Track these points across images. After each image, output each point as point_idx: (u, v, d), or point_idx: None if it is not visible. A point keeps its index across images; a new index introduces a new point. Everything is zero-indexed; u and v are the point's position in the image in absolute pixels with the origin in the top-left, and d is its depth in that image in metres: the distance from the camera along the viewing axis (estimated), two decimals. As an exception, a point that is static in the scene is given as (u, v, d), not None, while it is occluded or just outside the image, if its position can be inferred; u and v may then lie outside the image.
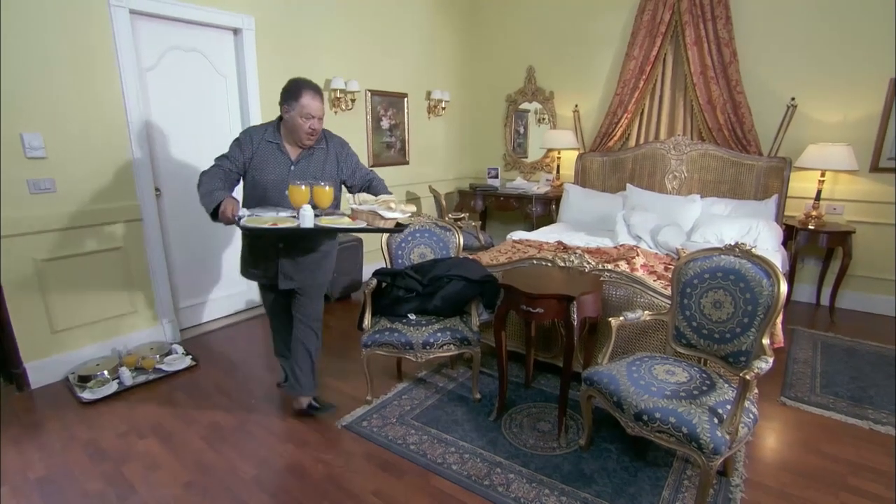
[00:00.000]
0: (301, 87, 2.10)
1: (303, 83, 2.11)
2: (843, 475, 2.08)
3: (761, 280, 1.92)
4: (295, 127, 2.14)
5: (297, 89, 2.10)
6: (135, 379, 2.81)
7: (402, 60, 4.75)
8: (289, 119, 2.15)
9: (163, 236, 3.28)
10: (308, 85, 2.12)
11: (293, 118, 2.12)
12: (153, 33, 3.08)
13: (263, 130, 2.22)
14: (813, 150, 3.71)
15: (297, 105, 2.10)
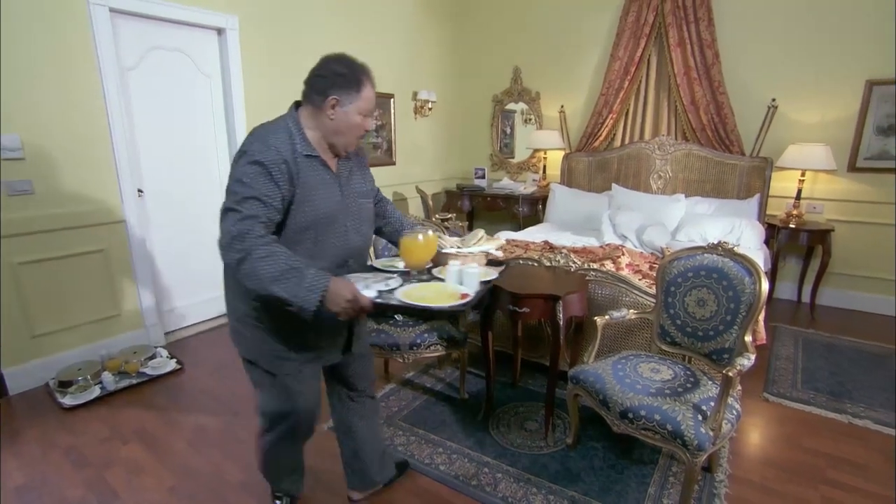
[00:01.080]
0: (360, 72, 1.44)
1: (360, 65, 1.45)
2: (822, 469, 2.12)
3: (743, 278, 1.95)
4: (347, 128, 1.45)
5: (356, 76, 1.42)
6: (118, 383, 2.77)
7: (388, 61, 4.74)
8: (338, 118, 1.43)
9: (146, 238, 3.23)
10: (367, 69, 1.47)
11: (347, 116, 1.43)
12: (134, 32, 3.04)
13: (289, 140, 1.41)
14: (793, 151, 3.78)
15: (357, 98, 1.43)
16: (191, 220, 3.53)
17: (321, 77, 1.43)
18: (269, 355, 1.52)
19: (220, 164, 3.65)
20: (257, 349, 1.52)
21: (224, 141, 3.64)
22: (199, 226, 3.58)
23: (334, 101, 1.42)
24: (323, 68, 1.44)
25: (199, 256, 3.61)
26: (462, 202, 5.28)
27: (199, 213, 3.57)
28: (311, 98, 1.45)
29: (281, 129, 1.42)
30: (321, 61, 1.46)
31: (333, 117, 1.43)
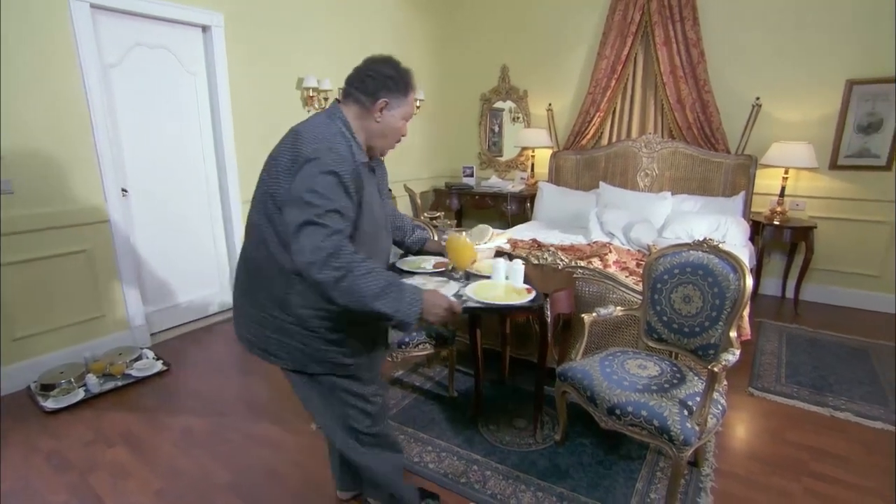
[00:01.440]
0: (408, 76, 1.42)
1: (407, 71, 1.43)
2: (805, 461, 2.16)
3: (728, 274, 1.97)
4: (392, 132, 1.44)
5: (406, 79, 1.41)
6: (102, 386, 2.73)
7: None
8: (386, 121, 1.41)
9: (131, 238, 3.19)
10: (411, 74, 1.45)
11: (393, 120, 1.42)
12: (116, 29, 2.99)
13: (349, 147, 1.34)
14: (776, 149, 3.84)
15: (404, 102, 1.42)
16: (177, 219, 3.49)
17: (371, 78, 1.38)
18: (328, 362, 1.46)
19: (207, 162, 3.61)
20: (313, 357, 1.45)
21: (210, 139, 3.60)
22: (185, 225, 3.54)
23: (384, 104, 1.39)
24: (372, 70, 1.39)
25: (185, 256, 3.58)
26: (450, 201, 5.28)
27: (185, 213, 3.53)
28: (357, 99, 1.40)
29: (338, 135, 1.35)
30: (368, 62, 1.42)
31: (380, 120, 1.41)
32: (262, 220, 1.37)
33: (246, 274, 1.46)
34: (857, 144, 3.80)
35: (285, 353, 1.44)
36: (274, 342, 1.44)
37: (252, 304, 1.45)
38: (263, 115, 3.82)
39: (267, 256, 1.37)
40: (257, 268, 1.41)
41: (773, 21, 3.91)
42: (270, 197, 1.33)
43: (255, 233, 1.40)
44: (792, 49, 3.88)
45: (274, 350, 1.45)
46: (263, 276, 1.40)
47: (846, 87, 3.74)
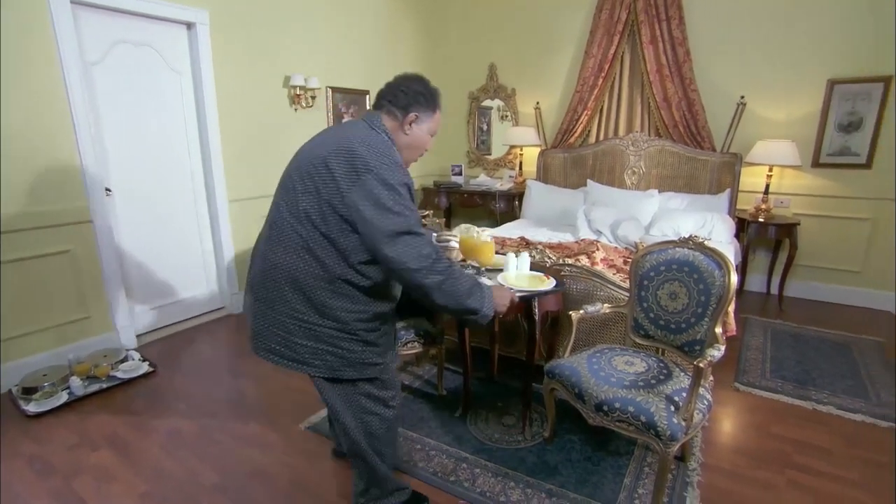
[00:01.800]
0: (437, 95, 1.55)
1: (435, 90, 1.55)
2: (789, 454, 2.20)
3: (713, 271, 1.99)
4: (418, 145, 1.55)
5: (434, 98, 1.54)
6: (87, 388, 2.69)
7: (362, 57, 4.70)
8: (414, 134, 1.52)
9: (115, 238, 3.14)
10: (439, 93, 1.58)
11: (422, 133, 1.54)
12: (98, 26, 2.94)
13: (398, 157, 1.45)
14: (761, 147, 3.89)
15: (431, 118, 1.54)
16: (163, 219, 3.44)
17: (403, 94, 1.48)
18: (360, 364, 1.51)
19: (192, 161, 3.57)
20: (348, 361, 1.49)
21: (195, 138, 3.56)
22: (171, 225, 3.50)
23: (414, 118, 1.49)
24: (405, 86, 1.49)
25: (171, 256, 3.54)
26: (439, 199, 5.28)
27: (171, 213, 3.49)
28: (390, 111, 1.49)
29: (391, 147, 1.44)
30: (401, 79, 1.52)
31: (409, 133, 1.51)
32: (308, 230, 1.38)
33: (273, 283, 1.44)
34: (839, 143, 3.86)
35: (319, 360, 1.46)
36: (307, 350, 1.45)
37: (281, 313, 1.44)
38: (250, 114, 3.79)
39: (310, 264, 1.38)
40: (292, 276, 1.40)
41: (757, 20, 3.96)
42: (330, 207, 1.35)
43: (292, 241, 1.40)
44: (775, 48, 3.93)
45: (307, 359, 1.46)
46: (301, 283, 1.40)
47: (827, 86, 3.80)
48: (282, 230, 1.42)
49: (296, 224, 1.39)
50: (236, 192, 3.77)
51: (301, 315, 1.42)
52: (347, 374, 1.50)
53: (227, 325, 3.67)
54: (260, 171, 3.92)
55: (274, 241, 1.44)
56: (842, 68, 3.75)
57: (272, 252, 1.44)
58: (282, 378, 2.87)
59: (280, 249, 1.42)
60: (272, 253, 1.44)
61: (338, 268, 1.39)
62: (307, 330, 1.43)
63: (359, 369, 1.51)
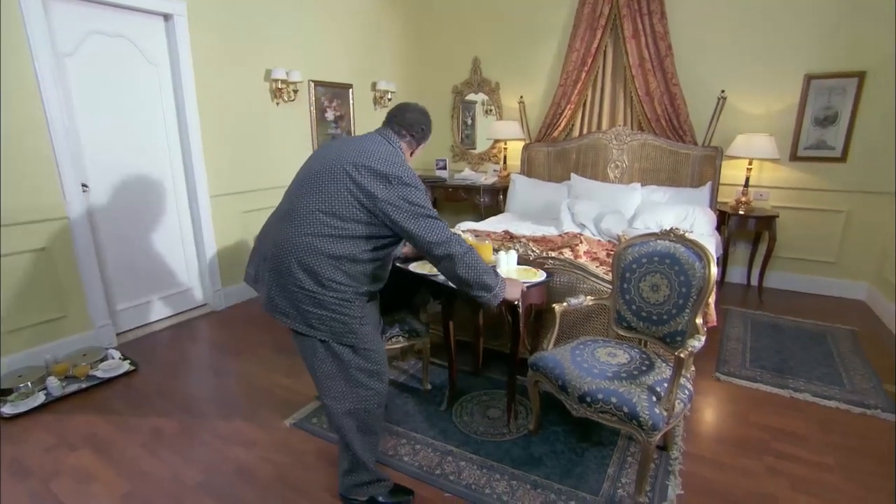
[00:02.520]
0: (430, 127, 1.91)
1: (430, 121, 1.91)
2: (767, 441, 2.25)
3: (694, 263, 2.02)
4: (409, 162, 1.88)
5: (429, 130, 1.90)
6: (65, 388, 2.64)
7: (346, 50, 4.65)
8: (415, 155, 1.90)
9: (93, 235, 3.07)
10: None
11: (415, 155, 1.90)
12: (70, 15, 2.86)
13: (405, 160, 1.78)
14: (741, 140, 3.94)
15: (422, 147, 1.91)
16: (142, 215, 3.38)
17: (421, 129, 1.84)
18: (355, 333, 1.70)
19: (173, 156, 3.50)
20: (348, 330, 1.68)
21: (175, 132, 3.49)
22: (151, 221, 3.44)
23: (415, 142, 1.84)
24: (423, 122, 1.84)
25: (152, 253, 3.48)
26: (424, 193, 5.25)
27: (151, 209, 3.43)
28: (407, 139, 1.83)
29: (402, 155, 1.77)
30: (419, 112, 1.84)
31: (411, 157, 1.85)
32: (332, 219, 1.61)
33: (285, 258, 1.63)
34: (815, 136, 3.94)
35: (325, 326, 1.66)
36: (314, 316, 1.65)
37: (290, 283, 1.63)
38: (231, 108, 3.73)
39: (323, 245, 1.61)
40: (302, 254, 1.61)
41: (737, 16, 4.00)
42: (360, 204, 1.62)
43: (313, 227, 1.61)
44: (755, 43, 3.99)
45: (314, 323, 1.66)
46: (308, 260, 1.61)
47: (804, 81, 3.87)
48: (303, 217, 1.63)
49: (321, 214, 1.61)
50: (218, 187, 3.72)
51: (306, 286, 1.62)
52: (349, 339, 1.69)
53: (210, 323, 3.63)
54: (242, 166, 3.86)
55: (293, 225, 1.64)
56: (818, 63, 3.82)
57: (287, 233, 1.64)
58: (266, 375, 2.85)
59: (296, 232, 1.62)
60: (287, 233, 1.64)
61: (347, 250, 1.63)
62: (312, 299, 1.63)
63: (357, 337, 1.70)
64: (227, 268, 3.89)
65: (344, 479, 1.84)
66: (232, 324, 3.60)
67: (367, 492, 1.84)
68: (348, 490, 1.84)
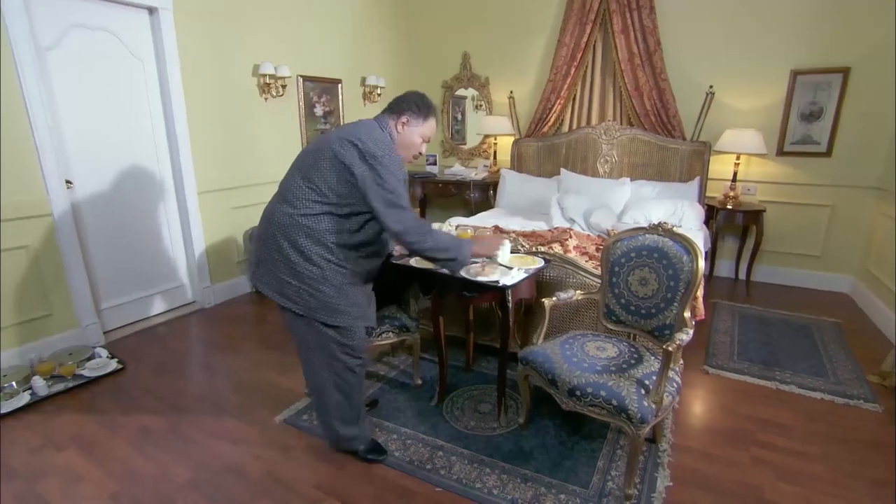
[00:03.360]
0: (431, 108, 1.94)
1: (431, 104, 1.95)
2: (753, 432, 2.28)
3: (682, 256, 2.03)
4: (409, 144, 1.92)
5: (428, 109, 1.92)
6: (51, 388, 2.60)
7: (335, 45, 4.61)
8: (406, 135, 1.90)
9: (78, 232, 3.03)
10: (435, 108, 1.98)
11: (412, 135, 1.91)
12: (51, 7, 2.80)
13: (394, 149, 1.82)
14: (729, 135, 3.98)
15: (423, 125, 1.92)
16: (129, 212, 3.34)
17: (401, 101, 1.91)
18: (332, 309, 1.82)
19: (159, 153, 3.46)
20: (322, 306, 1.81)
21: (162, 128, 3.44)
22: (138, 218, 3.40)
23: (406, 121, 1.88)
24: (405, 96, 1.92)
25: (139, 250, 3.44)
26: (414, 189, 5.25)
27: (138, 205, 3.39)
28: (391, 114, 1.90)
29: (385, 137, 1.83)
30: (406, 92, 1.94)
31: (401, 132, 1.89)
32: (313, 194, 1.74)
33: (270, 228, 1.79)
34: (801, 132, 3.98)
35: (300, 298, 1.79)
36: (291, 288, 1.78)
37: (273, 250, 1.78)
38: (218, 103, 3.68)
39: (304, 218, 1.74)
40: (285, 225, 1.75)
41: (725, 12, 4.03)
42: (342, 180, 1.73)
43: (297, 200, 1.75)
44: (742, 39, 4.01)
45: (290, 294, 1.79)
46: (290, 230, 1.75)
47: (791, 77, 3.91)
48: (290, 191, 1.77)
49: (305, 189, 1.75)
50: (206, 183, 3.67)
51: (288, 256, 1.75)
52: (320, 315, 1.81)
53: (198, 320, 3.60)
54: (230, 161, 3.82)
55: (280, 200, 1.80)
56: (804, 59, 3.85)
57: (275, 206, 1.81)
58: (256, 371, 2.84)
59: (282, 204, 1.78)
60: (274, 207, 1.81)
61: (327, 224, 1.75)
62: (291, 269, 1.76)
63: (330, 314, 1.82)
64: (215, 264, 3.86)
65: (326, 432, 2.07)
66: (221, 321, 3.58)
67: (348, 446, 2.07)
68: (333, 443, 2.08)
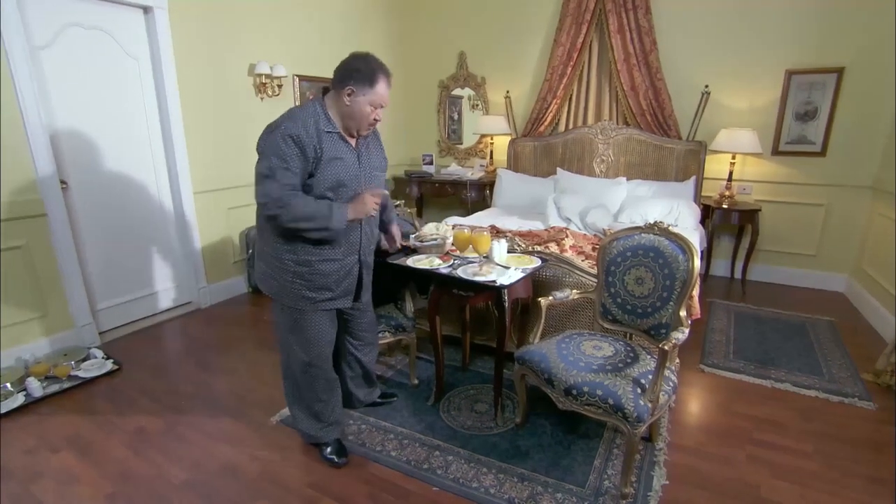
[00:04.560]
0: (377, 71, 1.76)
1: (378, 65, 1.77)
2: (748, 430, 2.29)
3: (677, 256, 2.04)
4: (359, 115, 1.78)
5: (372, 74, 1.75)
6: (46, 389, 2.59)
7: (330, 44, 4.60)
8: (352, 104, 1.76)
9: (73, 232, 3.01)
10: (383, 69, 1.79)
11: (360, 105, 1.76)
12: (45, 7, 2.79)
13: (314, 119, 1.74)
14: (724, 135, 3.99)
15: (370, 92, 1.75)
16: (125, 212, 3.33)
17: (343, 70, 1.76)
18: (293, 294, 1.88)
19: (155, 153, 3.44)
20: (283, 289, 1.88)
21: (157, 128, 3.43)
22: (134, 218, 3.39)
23: (350, 91, 1.74)
24: (345, 63, 1.77)
25: (135, 250, 3.43)
26: (410, 188, 5.25)
27: (133, 206, 3.37)
28: (333, 85, 1.78)
29: (308, 109, 1.76)
30: (348, 57, 1.78)
31: (349, 104, 1.76)
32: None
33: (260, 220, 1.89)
34: (796, 131, 4.00)
35: (266, 282, 1.91)
36: (261, 271, 1.91)
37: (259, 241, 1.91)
38: (214, 103, 3.67)
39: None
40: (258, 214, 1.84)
41: (721, 11, 4.04)
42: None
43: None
44: (737, 39, 4.03)
45: (261, 278, 1.91)
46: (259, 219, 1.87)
47: (786, 76, 3.93)
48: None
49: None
50: (202, 183, 3.66)
51: (261, 243, 1.89)
52: (284, 299, 1.89)
53: (195, 321, 3.59)
54: (226, 162, 3.81)
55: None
56: (798, 59, 3.87)
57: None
58: (252, 372, 2.83)
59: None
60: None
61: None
62: (262, 255, 1.90)
63: (291, 298, 1.88)
64: (211, 265, 3.85)
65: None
66: (217, 321, 3.57)
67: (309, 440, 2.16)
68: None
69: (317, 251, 1.84)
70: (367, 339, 2.26)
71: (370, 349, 2.30)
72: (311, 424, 2.10)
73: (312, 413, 2.09)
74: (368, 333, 2.26)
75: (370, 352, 2.31)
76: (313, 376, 2.03)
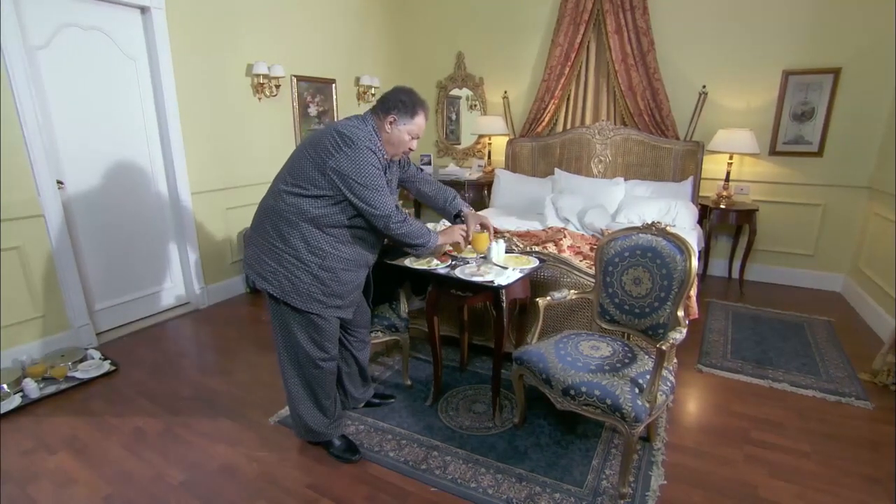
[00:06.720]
0: (418, 104, 1.94)
1: (419, 100, 1.95)
2: (746, 430, 2.29)
3: (675, 256, 2.04)
4: (397, 142, 1.93)
5: (414, 106, 1.92)
6: (43, 390, 2.58)
7: (329, 45, 4.60)
8: (393, 133, 1.91)
9: (70, 232, 3.01)
10: (424, 104, 1.97)
11: (400, 133, 1.92)
12: (42, 7, 2.78)
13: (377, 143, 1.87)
14: (722, 135, 4.00)
15: (410, 122, 1.92)
16: (123, 213, 3.32)
17: (388, 100, 1.92)
18: (306, 296, 1.89)
19: (153, 153, 3.44)
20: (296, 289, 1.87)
21: (155, 128, 3.42)
22: (132, 219, 3.38)
23: (392, 120, 1.90)
24: (392, 93, 1.93)
25: (132, 251, 3.42)
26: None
27: (131, 206, 3.37)
28: (376, 112, 1.93)
29: (369, 133, 1.87)
30: (392, 89, 1.95)
31: (389, 131, 1.92)
32: (292, 182, 1.83)
33: (258, 216, 1.93)
34: (793, 132, 4.01)
35: (276, 280, 1.87)
36: (269, 269, 1.88)
37: (260, 235, 1.90)
38: (212, 103, 3.67)
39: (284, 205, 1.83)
40: (269, 212, 1.88)
41: (718, 12, 4.05)
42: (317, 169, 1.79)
43: (278, 188, 1.86)
44: (735, 39, 4.04)
45: (267, 276, 1.88)
46: (273, 217, 1.86)
47: (783, 77, 3.94)
48: (277, 180, 1.89)
49: (287, 177, 1.85)
50: (200, 184, 3.66)
51: (271, 240, 1.86)
52: (293, 300, 1.88)
53: (193, 321, 3.58)
54: (224, 162, 3.81)
55: (270, 188, 1.93)
56: (796, 60, 3.88)
57: (265, 199, 1.94)
58: (250, 372, 2.83)
59: (268, 194, 1.92)
60: (265, 200, 1.93)
61: (303, 211, 1.82)
62: (273, 252, 1.86)
63: (304, 300, 1.88)
64: (209, 265, 3.84)
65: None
66: (215, 322, 3.56)
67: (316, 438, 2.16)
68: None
69: (343, 259, 1.92)
70: (362, 336, 2.31)
71: (365, 346, 2.35)
72: (321, 422, 2.11)
73: (322, 410, 2.11)
74: (364, 330, 2.31)
75: (365, 348, 2.35)
76: (327, 371, 2.06)
